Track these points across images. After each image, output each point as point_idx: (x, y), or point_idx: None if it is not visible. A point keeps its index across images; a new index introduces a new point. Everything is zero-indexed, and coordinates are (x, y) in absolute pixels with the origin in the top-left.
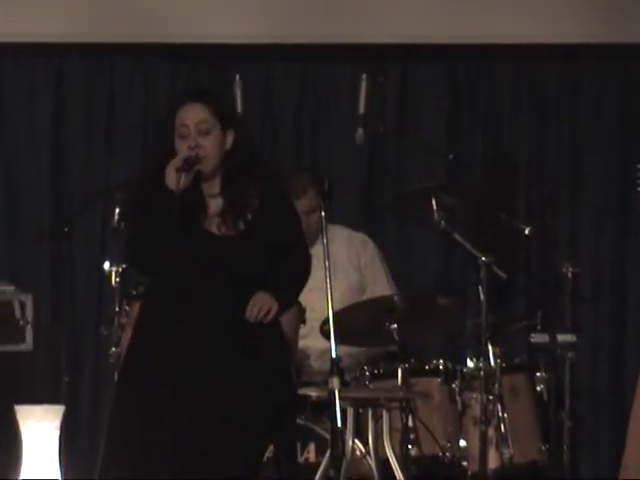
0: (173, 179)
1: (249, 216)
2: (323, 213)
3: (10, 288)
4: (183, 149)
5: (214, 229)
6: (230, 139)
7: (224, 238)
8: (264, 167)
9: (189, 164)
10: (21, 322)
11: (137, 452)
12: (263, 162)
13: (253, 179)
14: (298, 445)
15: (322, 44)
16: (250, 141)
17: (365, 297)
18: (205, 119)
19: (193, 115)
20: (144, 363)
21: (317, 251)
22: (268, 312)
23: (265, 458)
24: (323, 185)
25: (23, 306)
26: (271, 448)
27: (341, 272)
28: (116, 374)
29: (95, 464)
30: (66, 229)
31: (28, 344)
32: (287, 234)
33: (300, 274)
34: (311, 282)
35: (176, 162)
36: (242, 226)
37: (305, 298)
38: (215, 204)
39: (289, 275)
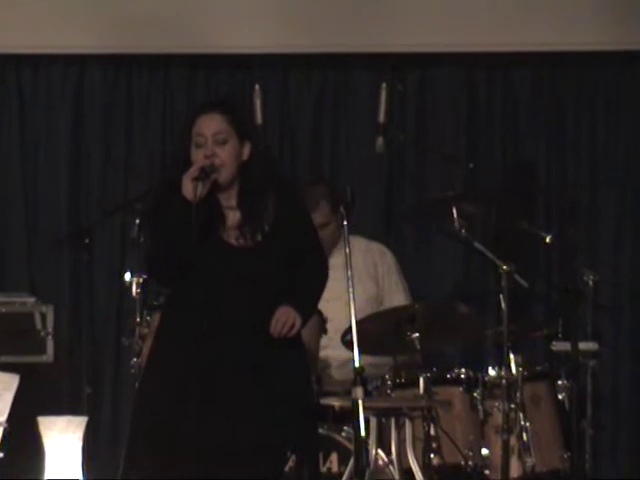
0: (190, 189)
1: (266, 227)
2: (345, 222)
3: (31, 299)
4: (199, 158)
5: (232, 240)
6: (247, 150)
7: (242, 249)
8: (280, 178)
9: (205, 173)
10: (42, 333)
11: (158, 456)
12: (279, 173)
13: (270, 190)
14: (320, 455)
15: (341, 53)
16: (267, 153)
17: (382, 308)
18: (222, 129)
19: (210, 124)
20: (164, 372)
21: (333, 263)
22: (292, 326)
23: (287, 468)
24: (345, 196)
25: (44, 317)
26: (293, 458)
27: (358, 284)
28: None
29: (117, 474)
30: (86, 240)
31: (49, 355)
32: (304, 243)
33: (319, 282)
34: (328, 293)
35: (192, 172)
36: (259, 237)
37: (323, 309)
38: (233, 216)
39: (308, 285)
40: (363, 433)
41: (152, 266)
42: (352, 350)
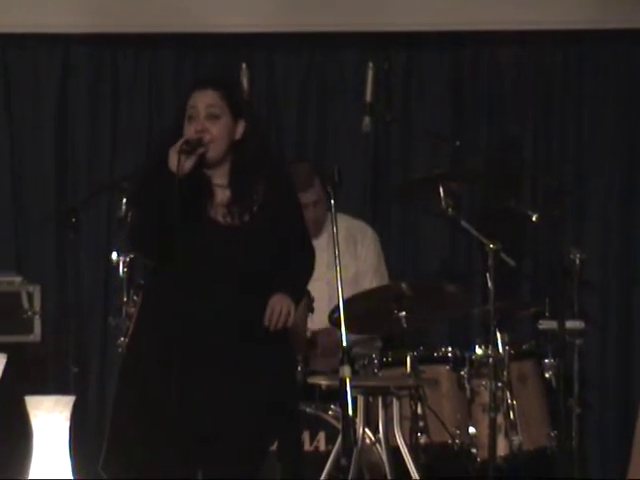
0: (174, 161)
1: (255, 208)
2: (333, 202)
3: (18, 279)
4: (190, 132)
5: (219, 218)
6: (241, 129)
7: (229, 228)
8: (273, 160)
9: (191, 147)
10: (29, 313)
11: (138, 443)
12: (272, 155)
13: (262, 172)
14: (307, 434)
15: (327, 32)
16: (262, 133)
17: (359, 287)
18: (215, 103)
19: (204, 98)
20: (146, 353)
21: (319, 242)
22: (287, 315)
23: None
24: (333, 175)
25: (31, 297)
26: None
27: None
28: None
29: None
30: (73, 219)
31: (36, 335)
32: (291, 228)
33: (307, 267)
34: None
35: (178, 144)
36: (247, 217)
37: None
38: (222, 194)
39: (297, 269)
40: (350, 412)
41: (137, 238)
42: (339, 329)
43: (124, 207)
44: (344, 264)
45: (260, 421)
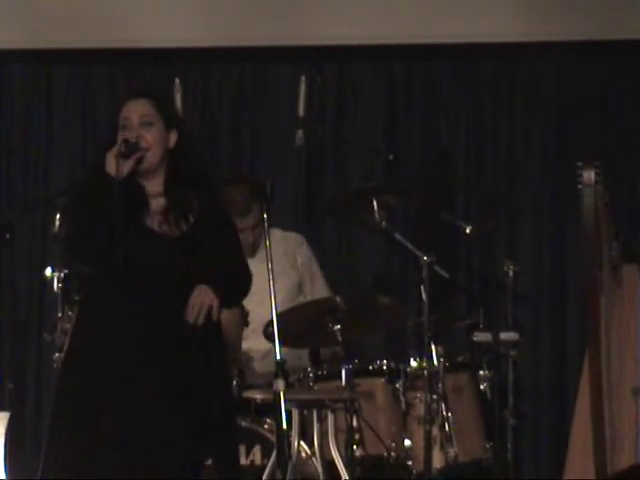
0: (112, 164)
1: (191, 218)
2: (265, 216)
3: None
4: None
5: (155, 227)
6: (173, 139)
7: (165, 236)
8: (206, 174)
9: (129, 149)
10: None
11: (76, 456)
12: (204, 166)
13: (195, 181)
14: (243, 448)
15: (260, 46)
16: (193, 143)
17: (302, 296)
18: (148, 112)
19: (137, 107)
20: (82, 365)
21: (258, 257)
22: (209, 308)
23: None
24: (265, 189)
25: None
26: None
27: (283, 274)
28: None
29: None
30: (8, 235)
31: None
32: (226, 243)
33: (240, 279)
34: (253, 286)
35: (115, 148)
36: (184, 226)
37: (246, 302)
38: (157, 203)
39: (230, 272)
40: (285, 425)
41: (73, 246)
42: (273, 343)
43: (58, 223)
44: (288, 275)
45: (196, 432)
